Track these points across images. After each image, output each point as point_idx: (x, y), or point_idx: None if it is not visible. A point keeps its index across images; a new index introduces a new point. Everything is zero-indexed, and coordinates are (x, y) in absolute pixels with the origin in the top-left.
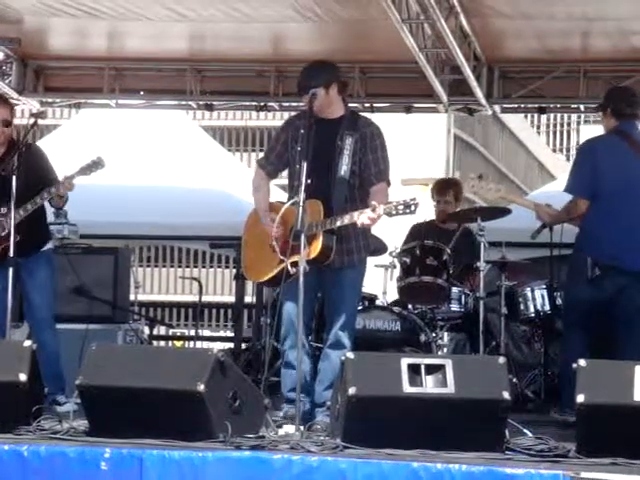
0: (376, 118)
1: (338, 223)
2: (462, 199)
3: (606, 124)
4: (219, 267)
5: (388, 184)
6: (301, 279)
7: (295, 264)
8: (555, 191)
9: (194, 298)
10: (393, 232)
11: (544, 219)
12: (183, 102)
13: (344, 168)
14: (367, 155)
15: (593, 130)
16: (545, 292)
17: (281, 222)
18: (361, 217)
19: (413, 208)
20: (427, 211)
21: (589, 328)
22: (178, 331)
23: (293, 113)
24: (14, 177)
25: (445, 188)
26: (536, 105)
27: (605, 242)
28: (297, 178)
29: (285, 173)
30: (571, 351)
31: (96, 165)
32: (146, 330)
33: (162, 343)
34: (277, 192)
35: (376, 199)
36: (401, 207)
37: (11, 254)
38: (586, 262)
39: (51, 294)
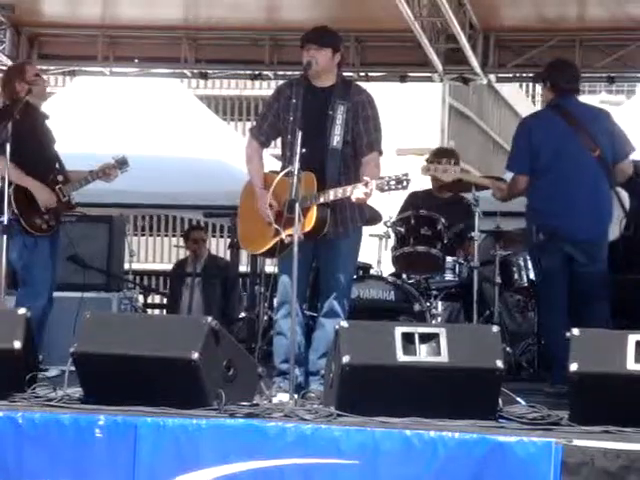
0: (371, 87)
1: (331, 197)
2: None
3: (545, 97)
4: (213, 236)
5: (380, 153)
6: (295, 249)
7: (290, 235)
8: None
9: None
10: (387, 202)
11: (496, 196)
12: (177, 70)
13: (337, 138)
14: (359, 124)
15: (587, 100)
16: None
17: (275, 195)
18: (354, 192)
19: (405, 184)
20: (422, 180)
21: (557, 294)
22: None
23: None
24: (7, 144)
25: (443, 157)
26: (531, 74)
27: (546, 214)
28: (290, 148)
29: (279, 141)
30: (549, 320)
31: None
32: (140, 298)
33: (156, 311)
34: (271, 161)
35: (368, 171)
36: (393, 183)
37: (5, 221)
38: (531, 231)
39: None
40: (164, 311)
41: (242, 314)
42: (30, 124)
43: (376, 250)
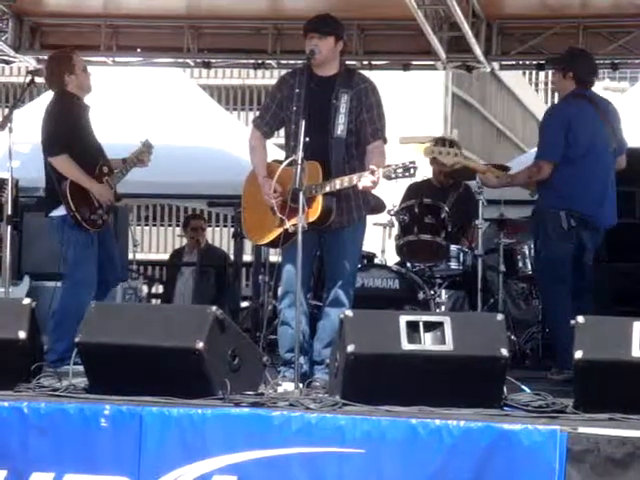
0: (374, 76)
1: (337, 186)
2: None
3: (561, 85)
4: (217, 226)
5: (385, 141)
6: (299, 238)
7: (296, 225)
8: None
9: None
10: (391, 190)
11: (488, 183)
12: (180, 60)
13: (341, 127)
14: (363, 113)
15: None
16: None
17: (279, 184)
18: (361, 181)
19: (412, 171)
20: (426, 169)
21: (567, 282)
22: None
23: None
24: (9, 132)
25: (443, 146)
26: (535, 62)
27: (580, 201)
28: (293, 138)
29: (282, 132)
30: (559, 309)
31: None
32: (144, 289)
33: (160, 301)
34: (275, 151)
35: (373, 159)
36: (400, 170)
37: (9, 211)
38: (559, 217)
39: None
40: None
41: (246, 303)
42: (78, 116)
43: (380, 239)
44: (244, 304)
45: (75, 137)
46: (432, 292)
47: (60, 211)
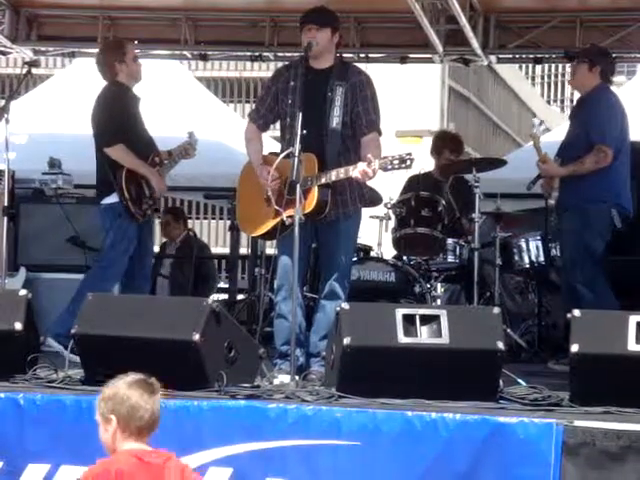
0: (370, 69)
1: (333, 177)
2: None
3: (585, 78)
4: (213, 218)
5: (379, 134)
6: (296, 230)
7: (292, 216)
8: (549, 142)
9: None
10: (388, 183)
11: (552, 172)
12: (177, 52)
13: (336, 120)
14: (357, 105)
15: None
16: (540, 243)
17: (276, 174)
18: (356, 171)
19: (409, 163)
20: (422, 162)
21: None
22: None
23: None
24: (5, 123)
25: (450, 142)
26: (532, 55)
27: (624, 198)
28: (289, 131)
29: (279, 125)
30: (607, 298)
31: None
32: None
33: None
34: (271, 143)
35: (369, 151)
36: (396, 162)
37: (5, 202)
38: (609, 213)
39: None
40: None
41: (242, 296)
42: (129, 106)
43: (377, 232)
44: (240, 297)
45: (127, 127)
46: (428, 285)
47: (112, 199)
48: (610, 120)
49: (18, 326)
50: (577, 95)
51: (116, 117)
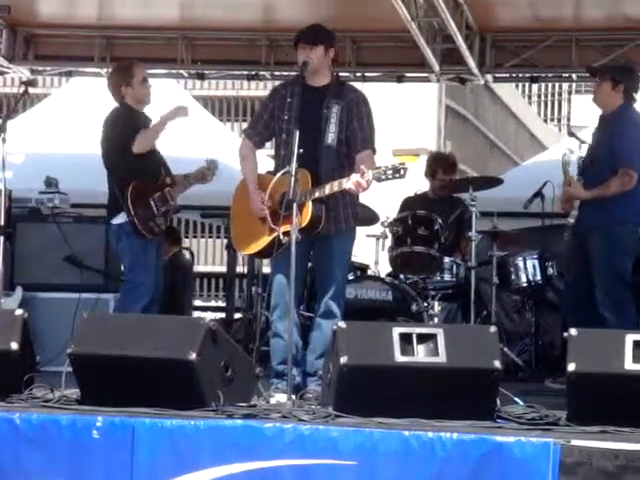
0: (367, 88)
1: (327, 191)
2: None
3: (608, 96)
4: (210, 237)
5: (374, 151)
6: (293, 248)
7: (287, 234)
8: (546, 161)
9: None
10: (384, 202)
11: (579, 195)
12: (174, 71)
13: (331, 136)
14: (353, 123)
15: (585, 100)
16: (537, 262)
17: (269, 192)
18: (350, 183)
19: (402, 172)
20: (417, 182)
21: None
22: None
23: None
24: (2, 142)
25: (442, 162)
26: (528, 74)
27: None
28: (284, 147)
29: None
30: (632, 317)
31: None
32: None
33: None
34: (267, 161)
35: (363, 164)
36: (390, 172)
37: (2, 222)
38: (636, 234)
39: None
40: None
41: (239, 315)
42: (137, 124)
43: (373, 250)
44: (237, 315)
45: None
46: (425, 304)
47: (120, 219)
48: (635, 142)
49: (14, 346)
50: (575, 115)
51: (122, 133)
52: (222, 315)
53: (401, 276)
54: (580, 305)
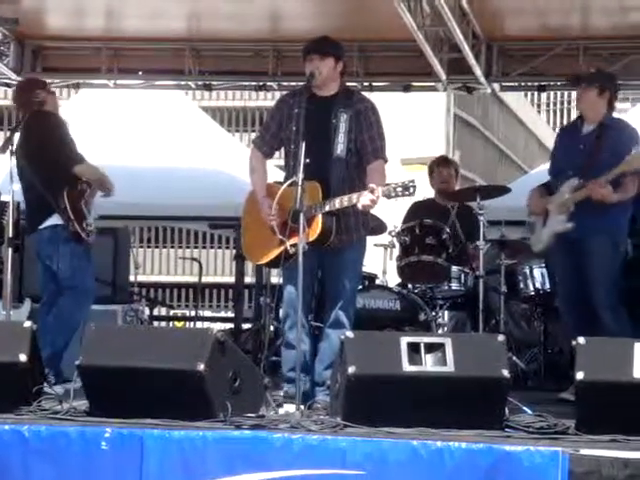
0: (375, 97)
1: (337, 205)
2: (459, 177)
3: (594, 103)
4: (219, 248)
5: (385, 161)
6: (300, 259)
7: (295, 245)
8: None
9: (194, 279)
10: (392, 211)
11: (609, 198)
12: (182, 82)
13: (340, 147)
14: (363, 133)
15: None
16: (544, 270)
17: (278, 204)
18: (360, 199)
19: (412, 190)
20: (426, 190)
21: None
22: (178, 312)
23: None
24: (10, 154)
25: (444, 163)
26: (536, 83)
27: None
28: (293, 157)
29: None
30: (627, 329)
31: None
32: (146, 311)
33: (162, 324)
34: (275, 172)
35: (374, 179)
36: (400, 189)
37: (10, 234)
38: (626, 244)
39: None
40: (170, 323)
41: (247, 325)
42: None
43: (381, 260)
44: (246, 326)
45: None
46: (433, 313)
47: (52, 221)
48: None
49: (23, 358)
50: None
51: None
52: (231, 325)
53: (409, 285)
54: (573, 308)
